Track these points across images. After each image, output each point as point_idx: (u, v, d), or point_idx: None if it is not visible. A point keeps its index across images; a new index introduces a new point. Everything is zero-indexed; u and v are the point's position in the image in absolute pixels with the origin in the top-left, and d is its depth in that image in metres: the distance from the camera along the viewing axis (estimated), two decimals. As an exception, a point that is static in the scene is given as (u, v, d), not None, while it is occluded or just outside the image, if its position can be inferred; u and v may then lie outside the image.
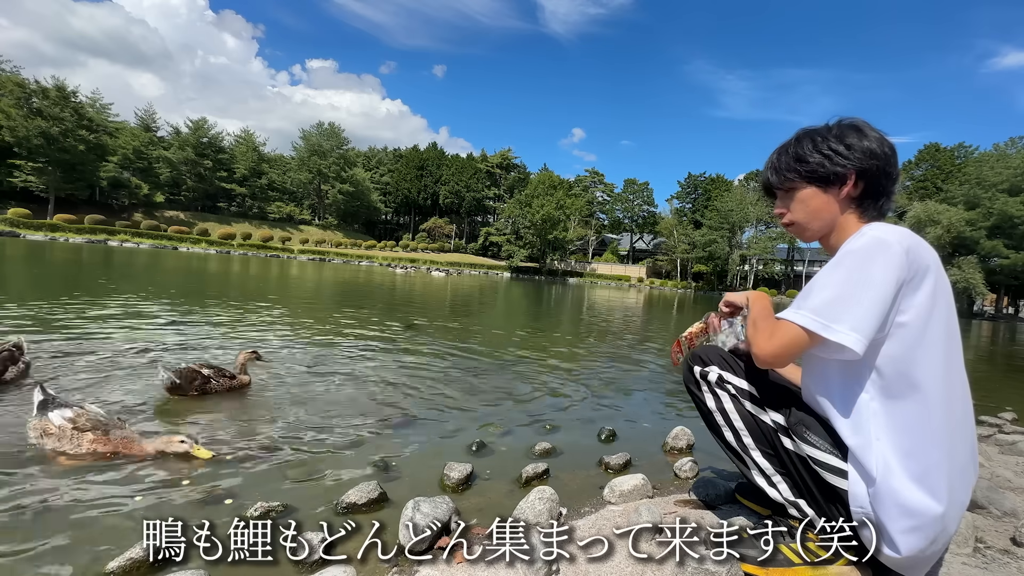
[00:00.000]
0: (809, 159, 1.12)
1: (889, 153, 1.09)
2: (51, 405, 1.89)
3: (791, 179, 1.16)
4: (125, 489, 1.57)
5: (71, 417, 1.84)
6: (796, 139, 1.17)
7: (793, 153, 1.16)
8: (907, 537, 0.98)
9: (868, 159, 1.08)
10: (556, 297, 18.18)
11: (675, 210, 65.55)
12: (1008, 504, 1.68)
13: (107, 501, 1.49)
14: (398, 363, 3.78)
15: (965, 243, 39.01)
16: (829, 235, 1.16)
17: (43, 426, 1.82)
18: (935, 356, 0.98)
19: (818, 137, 1.13)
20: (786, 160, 1.17)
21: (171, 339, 3.96)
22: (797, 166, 1.15)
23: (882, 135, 1.11)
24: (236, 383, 2.61)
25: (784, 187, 1.19)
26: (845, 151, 1.09)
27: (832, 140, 1.11)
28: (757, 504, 1.48)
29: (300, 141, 66.87)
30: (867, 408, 1.01)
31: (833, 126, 1.14)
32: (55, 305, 5.10)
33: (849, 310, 0.95)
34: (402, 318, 6.89)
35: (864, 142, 1.09)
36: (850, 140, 1.09)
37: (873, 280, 0.94)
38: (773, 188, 1.23)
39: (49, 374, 2.68)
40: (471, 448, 2.11)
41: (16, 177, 42.22)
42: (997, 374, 6.57)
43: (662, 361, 5.13)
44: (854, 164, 1.08)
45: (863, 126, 1.11)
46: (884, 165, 1.08)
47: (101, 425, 1.83)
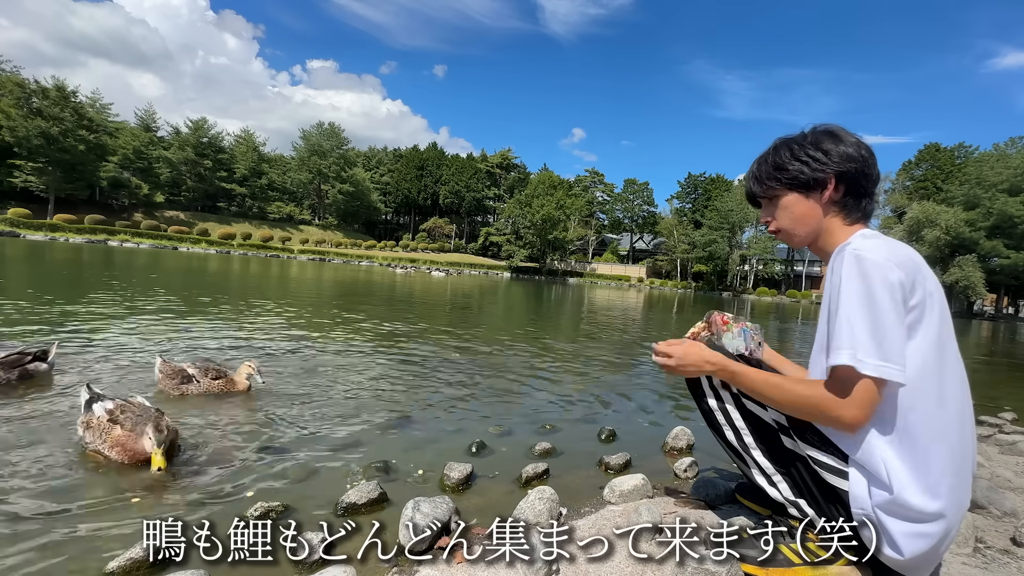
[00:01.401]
0: (788, 167, 1.15)
1: (866, 155, 1.11)
2: (96, 400, 1.89)
3: (773, 187, 1.19)
4: (125, 489, 1.57)
5: (110, 408, 1.82)
6: (774, 148, 1.21)
7: (772, 162, 1.19)
8: (909, 539, 0.98)
9: (846, 162, 1.10)
10: (556, 297, 18.18)
11: (675, 210, 65.55)
12: (1008, 504, 1.68)
13: (107, 501, 1.49)
14: (398, 363, 3.78)
15: (965, 243, 39.01)
16: (817, 239, 1.18)
17: (86, 420, 1.81)
18: (933, 359, 0.98)
19: (795, 145, 1.16)
20: (766, 169, 1.20)
21: (168, 339, 3.96)
22: (777, 174, 1.18)
23: (858, 139, 1.13)
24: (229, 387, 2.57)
25: (767, 195, 1.22)
26: (823, 157, 1.12)
27: (809, 147, 1.14)
28: (757, 504, 1.48)
29: (300, 141, 66.93)
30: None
31: (809, 133, 1.17)
32: (55, 305, 5.10)
33: (885, 342, 0.93)
34: (402, 318, 6.89)
35: (840, 147, 1.11)
36: (827, 146, 1.12)
37: (882, 308, 0.94)
38: (757, 197, 1.26)
39: (50, 374, 2.68)
40: (471, 448, 2.11)
41: (16, 177, 42.25)
42: (997, 374, 6.57)
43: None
44: (833, 168, 1.11)
45: (839, 131, 1.14)
46: (862, 167, 1.11)
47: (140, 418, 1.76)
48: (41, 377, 2.56)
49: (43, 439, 1.88)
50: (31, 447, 1.80)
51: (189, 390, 2.51)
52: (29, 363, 2.50)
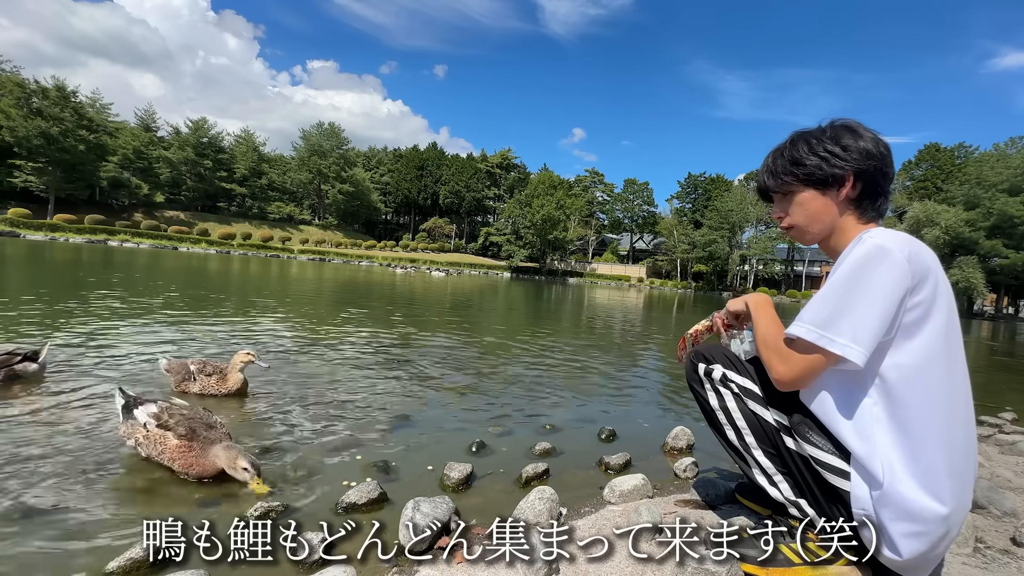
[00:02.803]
0: (806, 162, 1.11)
1: (885, 153, 1.09)
2: (135, 404, 1.78)
3: (788, 182, 1.15)
4: (125, 488, 1.57)
5: (155, 413, 1.71)
6: (791, 142, 1.16)
7: (789, 156, 1.15)
8: (910, 540, 0.97)
9: (865, 159, 1.07)
10: (556, 297, 18.18)
11: (675, 210, 65.56)
12: (1008, 504, 1.68)
13: (107, 500, 1.49)
14: (397, 363, 3.78)
15: (964, 243, 39.00)
16: (829, 238, 1.15)
17: (132, 430, 1.71)
18: (938, 359, 0.98)
19: (813, 139, 1.12)
20: (782, 163, 1.16)
21: (166, 338, 3.95)
22: (794, 169, 1.14)
23: (876, 135, 1.10)
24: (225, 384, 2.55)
25: (782, 191, 1.18)
26: (842, 152, 1.08)
27: (828, 142, 1.10)
28: (757, 504, 1.48)
29: (300, 141, 66.91)
30: (870, 413, 1.01)
31: (827, 128, 1.13)
32: (54, 305, 5.10)
33: (850, 322, 0.95)
34: (402, 318, 6.89)
35: (860, 143, 1.08)
36: (846, 141, 1.09)
37: (873, 290, 0.94)
38: (770, 192, 1.22)
39: (50, 374, 2.68)
40: (471, 448, 2.11)
41: (16, 177, 42.24)
42: (997, 374, 6.57)
43: (662, 361, 5.13)
44: (852, 165, 1.07)
45: (857, 127, 1.11)
46: (881, 165, 1.08)
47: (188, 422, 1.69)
48: (32, 377, 2.54)
49: (40, 439, 1.88)
50: (28, 447, 1.80)
51: (190, 388, 2.51)
52: (18, 363, 2.49)
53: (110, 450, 1.82)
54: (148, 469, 1.70)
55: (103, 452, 1.80)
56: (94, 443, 1.87)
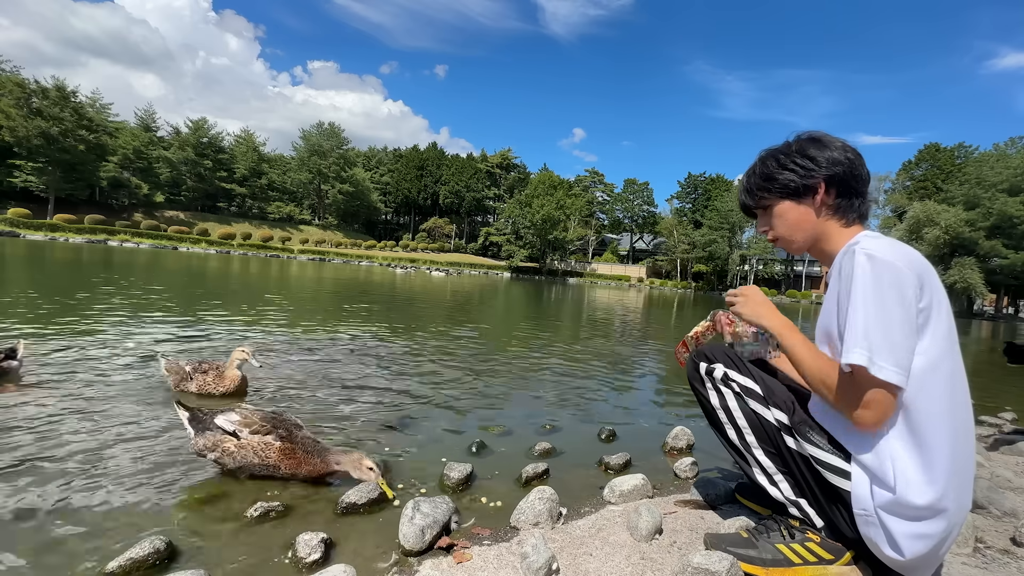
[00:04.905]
0: (777, 176, 1.18)
1: (853, 158, 1.12)
2: (206, 416, 1.69)
3: (764, 197, 1.22)
4: (124, 488, 1.57)
5: (242, 420, 1.63)
6: (760, 160, 1.23)
7: (760, 173, 1.21)
8: (911, 540, 0.97)
9: (833, 166, 1.12)
10: (556, 297, 18.18)
11: (675, 210, 65.60)
12: (1008, 504, 1.68)
13: (106, 500, 1.49)
14: (397, 363, 3.78)
15: (964, 243, 39.01)
16: (815, 244, 1.18)
17: (215, 441, 1.62)
18: (943, 361, 0.98)
19: (781, 155, 1.18)
20: (755, 180, 1.23)
21: (165, 337, 3.95)
22: (767, 184, 1.20)
23: (844, 142, 1.14)
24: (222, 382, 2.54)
25: (760, 206, 1.25)
26: (810, 163, 1.13)
27: (795, 155, 1.16)
28: (757, 504, 1.48)
29: (300, 141, 66.92)
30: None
31: (794, 142, 1.19)
32: (54, 305, 5.10)
33: (888, 346, 0.93)
34: (401, 318, 6.89)
35: (826, 152, 1.13)
36: (812, 152, 1.14)
37: (894, 310, 0.94)
38: (751, 209, 1.29)
39: (49, 374, 2.68)
40: (471, 448, 2.11)
41: (16, 177, 42.26)
42: (997, 374, 6.57)
43: (662, 361, 5.13)
44: (821, 172, 1.12)
45: (822, 136, 1.16)
46: (850, 169, 1.12)
47: (282, 424, 1.64)
48: (12, 375, 2.52)
49: (39, 439, 1.88)
50: (23, 446, 1.80)
51: (188, 387, 2.51)
52: (2, 361, 2.49)
53: (110, 450, 1.82)
54: (149, 469, 1.70)
55: (103, 452, 1.80)
56: (94, 443, 1.87)
